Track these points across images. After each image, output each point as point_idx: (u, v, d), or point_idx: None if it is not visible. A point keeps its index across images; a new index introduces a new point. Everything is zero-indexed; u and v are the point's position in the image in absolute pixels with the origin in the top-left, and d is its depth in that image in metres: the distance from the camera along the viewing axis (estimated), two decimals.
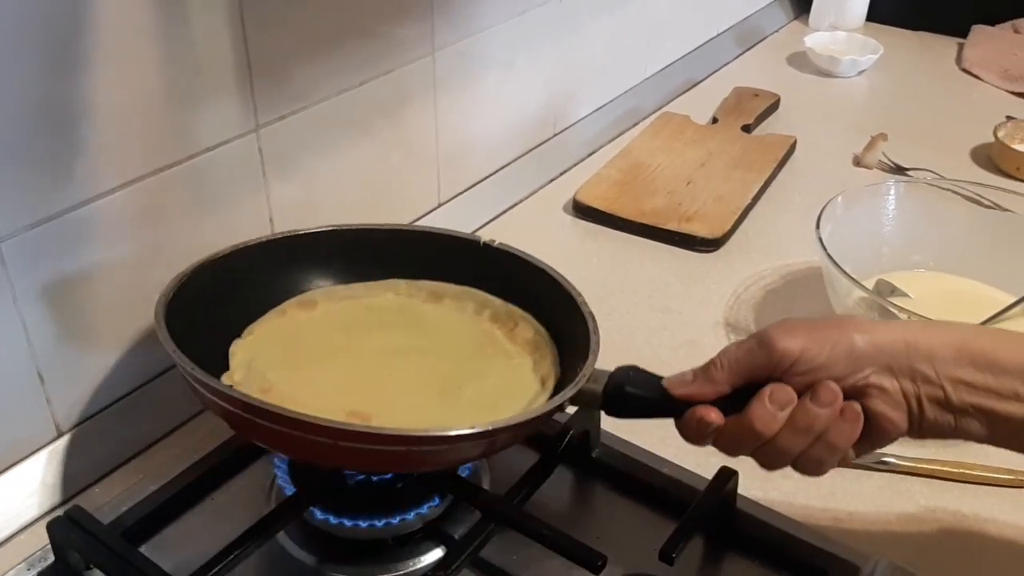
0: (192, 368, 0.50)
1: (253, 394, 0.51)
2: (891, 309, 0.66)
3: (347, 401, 0.54)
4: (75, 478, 0.62)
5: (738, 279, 0.85)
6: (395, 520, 0.55)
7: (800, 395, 0.47)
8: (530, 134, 0.98)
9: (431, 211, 0.88)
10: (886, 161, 1.03)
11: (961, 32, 1.37)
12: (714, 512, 0.56)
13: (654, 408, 0.51)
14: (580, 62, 1.02)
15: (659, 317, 0.80)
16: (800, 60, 1.30)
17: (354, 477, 0.57)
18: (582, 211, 0.94)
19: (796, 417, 0.47)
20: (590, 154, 1.05)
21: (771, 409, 0.47)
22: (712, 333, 0.78)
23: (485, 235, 0.69)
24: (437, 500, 0.56)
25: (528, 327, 0.63)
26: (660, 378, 0.51)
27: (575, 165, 1.04)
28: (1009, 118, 1.09)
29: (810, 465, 0.49)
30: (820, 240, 0.71)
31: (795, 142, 1.06)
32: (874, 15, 1.43)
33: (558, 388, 0.57)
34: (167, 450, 0.64)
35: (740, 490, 0.58)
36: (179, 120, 0.62)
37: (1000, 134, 1.03)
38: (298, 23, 0.67)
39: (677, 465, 0.61)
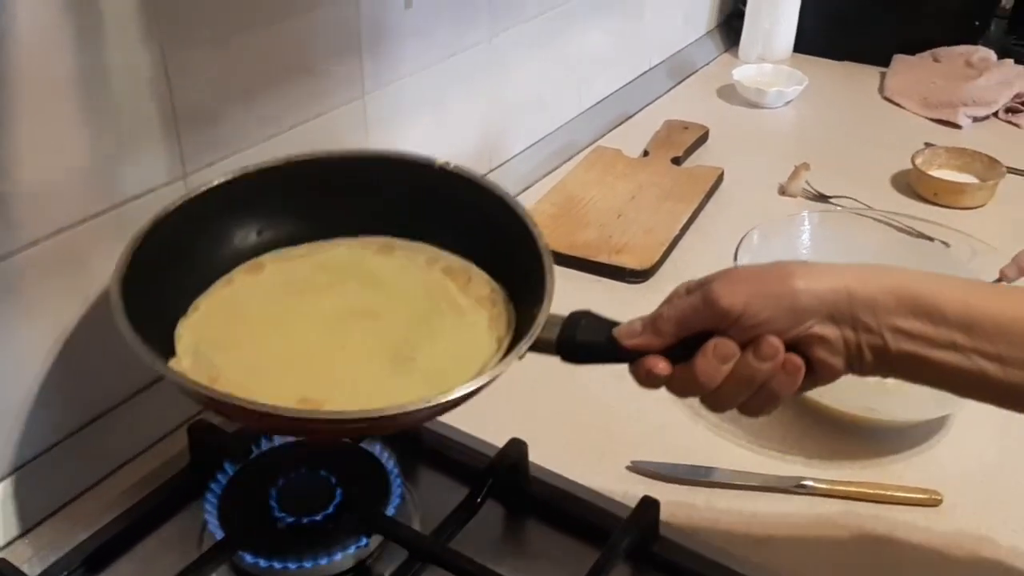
0: (151, 359, 0.50)
1: (203, 382, 0.51)
2: None
3: (298, 383, 0.54)
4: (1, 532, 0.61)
5: None
6: (324, 561, 0.56)
7: (744, 347, 0.49)
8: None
9: None
10: (809, 189, 1.07)
11: (883, 61, 1.42)
12: (637, 541, 0.57)
13: (606, 356, 0.53)
14: (513, 99, 1.05)
15: None
16: (729, 92, 1.34)
17: (284, 520, 0.58)
18: None
19: (738, 370, 0.49)
20: (524, 189, 1.07)
21: (714, 363, 0.49)
22: None
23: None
24: (365, 540, 0.57)
25: (482, 282, 0.63)
26: (613, 325, 0.54)
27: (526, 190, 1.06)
28: (927, 145, 1.14)
29: (753, 410, 0.51)
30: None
31: (722, 173, 1.09)
32: (800, 46, 1.48)
33: (514, 340, 0.57)
34: (97, 498, 0.64)
35: (664, 517, 0.60)
36: (105, 170, 0.62)
37: (918, 161, 1.08)
38: (224, 69, 0.68)
39: (606, 496, 0.63)
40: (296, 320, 0.60)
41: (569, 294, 0.91)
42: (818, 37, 1.48)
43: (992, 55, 1.34)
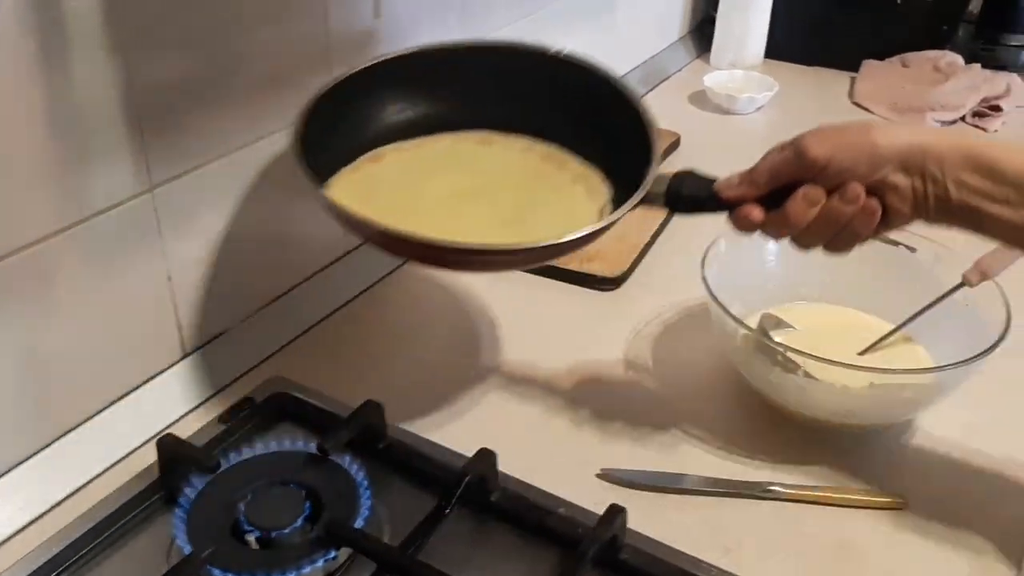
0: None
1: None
2: (772, 345, 0.69)
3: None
4: None
5: (638, 316, 0.88)
6: (293, 575, 0.56)
7: (830, 194, 0.57)
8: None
9: (336, 260, 0.89)
10: None
11: (854, 67, 1.44)
12: (604, 549, 0.58)
13: (708, 206, 0.63)
14: None
15: (564, 356, 0.82)
16: (701, 99, 1.36)
17: (252, 533, 0.58)
18: None
19: (824, 212, 0.57)
20: None
21: (803, 206, 0.58)
22: (613, 372, 0.81)
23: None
24: (334, 553, 0.57)
25: (575, 164, 0.72)
26: (713, 180, 0.62)
27: None
28: None
29: (837, 247, 0.60)
30: (704, 280, 0.74)
31: None
32: (772, 53, 1.50)
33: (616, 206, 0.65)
34: (65, 513, 0.64)
35: (631, 524, 0.60)
36: (71, 183, 0.62)
37: None
38: (191, 80, 0.68)
39: (576, 504, 0.63)
40: (413, 200, 0.69)
41: (541, 303, 0.92)
42: (789, 43, 1.49)
43: (960, 60, 1.36)
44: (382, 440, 0.67)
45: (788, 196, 0.58)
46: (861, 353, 0.77)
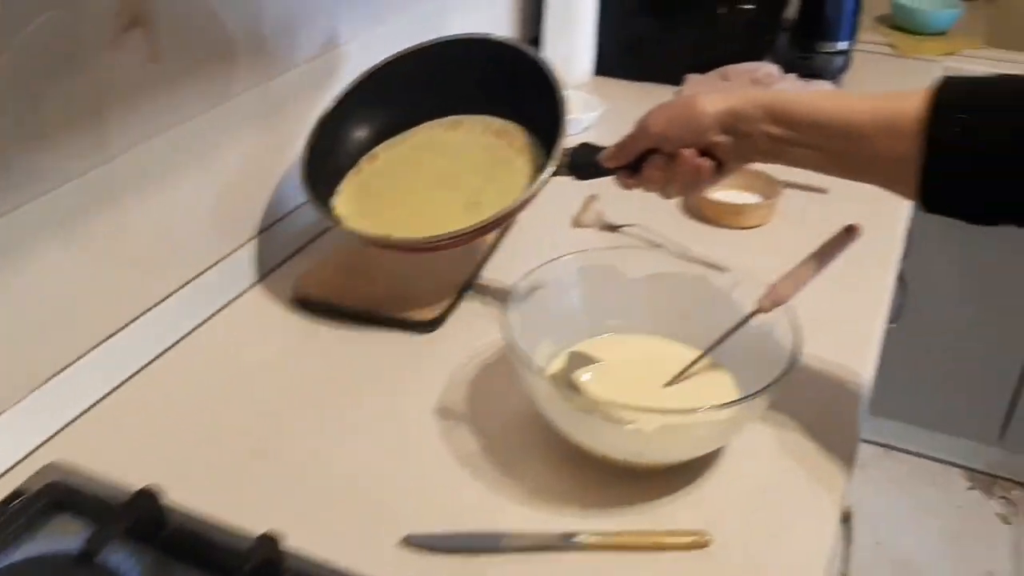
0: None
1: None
2: (562, 392, 0.68)
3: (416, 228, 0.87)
4: None
5: (456, 359, 0.85)
6: None
7: (672, 157, 0.74)
8: (248, 221, 0.96)
9: (120, 329, 0.83)
10: (601, 220, 1.08)
11: (679, 81, 1.46)
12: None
13: (599, 173, 0.82)
14: (295, 148, 1.01)
15: (374, 410, 0.79)
16: None
17: None
18: (302, 303, 0.92)
19: (671, 173, 0.75)
20: (310, 241, 1.04)
21: (652, 171, 0.76)
22: (423, 423, 0.78)
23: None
24: None
25: (520, 135, 0.95)
26: (602, 150, 0.81)
27: (301, 249, 1.03)
28: None
29: (688, 190, 0.77)
30: (505, 324, 0.72)
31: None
32: (601, 70, 1.51)
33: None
34: None
35: None
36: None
37: None
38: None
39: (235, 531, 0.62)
40: (401, 189, 0.94)
41: (358, 353, 0.89)
42: (616, 60, 1.51)
43: (776, 70, 1.40)
44: (163, 527, 0.63)
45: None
46: (667, 384, 0.77)
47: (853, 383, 0.85)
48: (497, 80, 0.95)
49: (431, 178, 0.95)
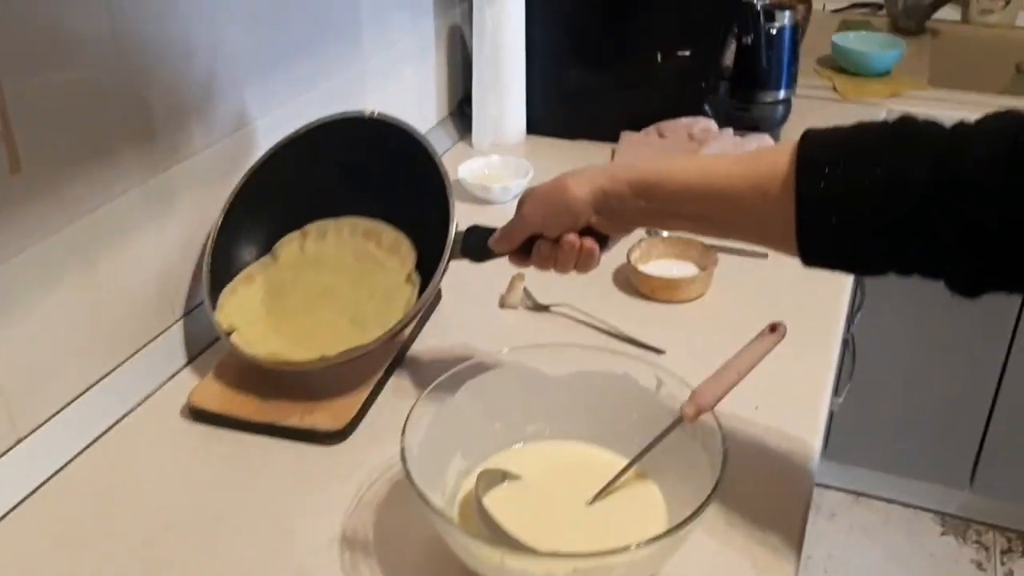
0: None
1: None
2: (461, 537, 0.61)
3: (313, 349, 0.84)
4: None
5: (364, 474, 0.78)
6: None
7: (557, 241, 0.74)
8: (143, 325, 0.88)
9: (9, 449, 0.75)
10: (528, 300, 1.01)
11: (615, 137, 1.41)
12: None
13: (491, 256, 0.81)
14: (195, 240, 0.94)
15: (274, 537, 0.72)
16: (459, 189, 1.28)
17: None
18: (198, 415, 0.85)
19: (557, 256, 0.75)
20: (213, 342, 0.96)
21: (539, 259, 0.76)
22: (324, 554, 0.70)
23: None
24: None
25: (388, 233, 0.92)
26: (491, 233, 0.80)
27: (203, 352, 0.95)
28: (647, 234, 1.10)
29: (580, 269, 0.76)
30: (402, 454, 0.65)
31: (439, 292, 1.02)
32: (534, 128, 1.45)
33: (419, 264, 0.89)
34: None
35: None
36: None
37: (633, 256, 1.04)
38: None
39: None
40: (284, 314, 0.90)
41: (256, 469, 0.80)
42: (550, 118, 1.45)
43: (713, 125, 1.35)
44: None
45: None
46: (591, 502, 0.70)
47: (801, 457, 0.79)
48: (368, 166, 0.92)
49: (312, 296, 0.91)
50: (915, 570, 1.85)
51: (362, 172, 0.92)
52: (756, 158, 0.64)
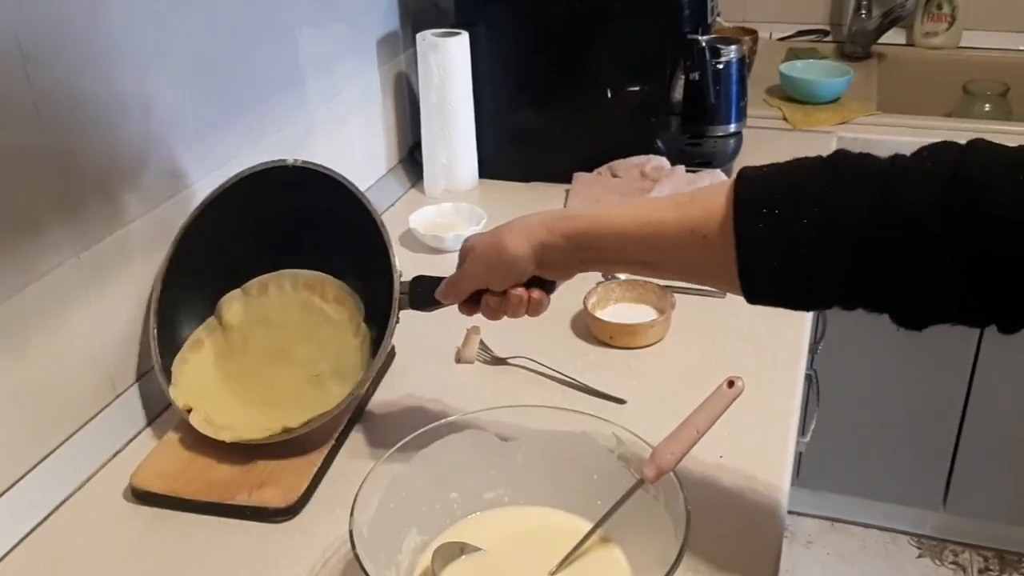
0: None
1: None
2: None
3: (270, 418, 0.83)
4: None
5: (317, 552, 0.75)
6: None
7: (505, 292, 0.74)
8: (82, 403, 0.84)
9: None
10: (485, 353, 0.99)
11: (568, 177, 1.39)
12: None
13: (439, 305, 0.80)
14: (132, 314, 0.90)
15: None
16: (411, 238, 1.26)
17: None
18: (141, 497, 0.81)
19: (506, 308, 0.75)
20: (163, 410, 0.92)
21: (488, 311, 0.76)
22: None
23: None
24: None
25: (332, 285, 0.90)
26: (438, 283, 0.79)
27: (148, 425, 0.91)
28: (603, 279, 1.08)
29: (531, 315, 0.76)
30: (350, 536, 0.62)
31: (392, 349, 0.99)
32: (487, 172, 1.43)
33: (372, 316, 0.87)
34: None
35: None
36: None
37: (590, 303, 1.02)
38: None
39: None
40: (237, 376, 0.88)
41: (202, 552, 0.75)
42: (502, 161, 1.44)
43: (665, 163, 1.34)
44: None
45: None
46: (554, 572, 0.67)
47: (770, 501, 0.77)
48: (301, 218, 0.89)
49: (264, 357, 0.89)
50: None
51: (296, 224, 0.89)
52: (692, 201, 0.64)
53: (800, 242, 0.57)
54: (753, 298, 0.62)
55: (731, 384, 0.66)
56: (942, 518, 1.89)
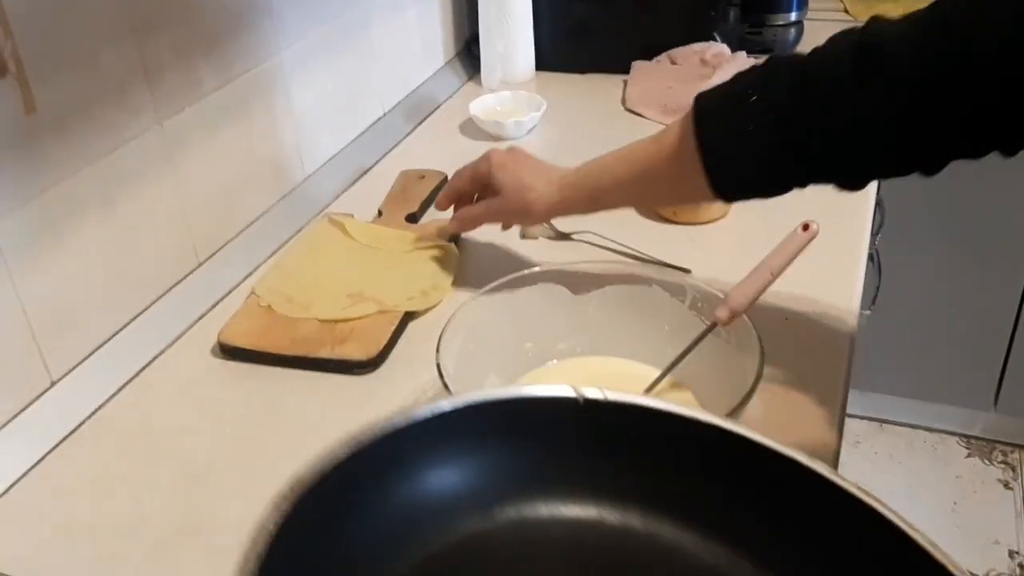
0: None
1: None
2: None
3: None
4: None
5: (400, 399, 0.78)
6: None
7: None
8: (168, 271, 0.89)
9: (40, 395, 0.76)
10: (550, 229, 1.01)
11: (626, 68, 1.39)
12: None
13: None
14: (207, 188, 0.94)
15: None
16: (472, 127, 1.28)
17: None
18: (229, 352, 0.85)
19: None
20: (240, 282, 0.96)
21: (470, 223, 0.93)
22: None
23: None
24: None
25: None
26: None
27: (227, 295, 0.95)
28: None
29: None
30: (439, 369, 0.65)
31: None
32: (543, 64, 1.44)
33: None
34: None
35: None
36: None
37: None
38: None
39: None
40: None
41: (292, 401, 0.81)
42: (559, 53, 1.43)
43: (725, 49, 1.33)
44: None
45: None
46: None
47: (831, 372, 0.79)
48: None
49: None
50: (941, 493, 1.86)
51: None
52: (665, 133, 0.73)
53: (745, 130, 0.65)
54: (723, 192, 0.69)
55: (806, 227, 0.67)
56: (992, 418, 1.90)
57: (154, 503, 0.70)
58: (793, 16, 1.42)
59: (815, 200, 0.98)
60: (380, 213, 1.06)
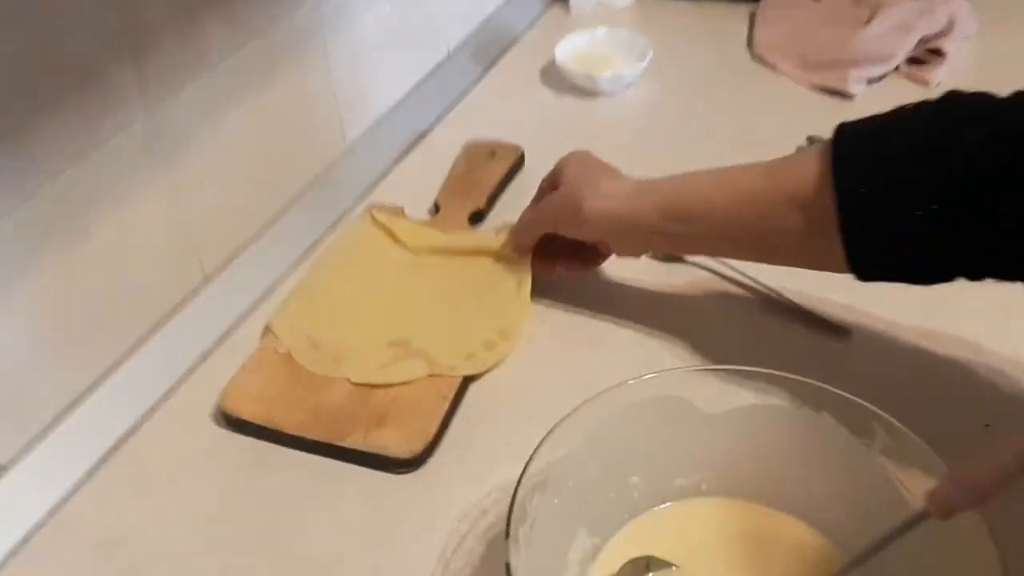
0: None
1: None
2: None
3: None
4: None
5: (448, 518, 0.58)
6: None
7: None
8: (146, 312, 0.68)
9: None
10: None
11: None
12: None
13: None
14: (231, 177, 0.72)
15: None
16: (556, 76, 1.02)
17: None
18: (234, 424, 0.65)
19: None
20: (260, 300, 0.75)
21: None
22: None
23: None
24: None
25: None
26: None
27: (237, 325, 0.74)
28: (809, 140, 0.85)
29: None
30: (507, 566, 0.44)
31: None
32: None
33: None
34: None
35: None
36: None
37: None
38: None
39: None
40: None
41: (307, 504, 0.58)
42: None
43: None
44: None
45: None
46: None
47: None
48: None
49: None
50: None
51: None
52: (785, 164, 0.57)
53: (905, 183, 0.50)
54: (862, 267, 0.54)
55: None
56: None
57: None
58: None
59: None
60: (437, 208, 0.83)
